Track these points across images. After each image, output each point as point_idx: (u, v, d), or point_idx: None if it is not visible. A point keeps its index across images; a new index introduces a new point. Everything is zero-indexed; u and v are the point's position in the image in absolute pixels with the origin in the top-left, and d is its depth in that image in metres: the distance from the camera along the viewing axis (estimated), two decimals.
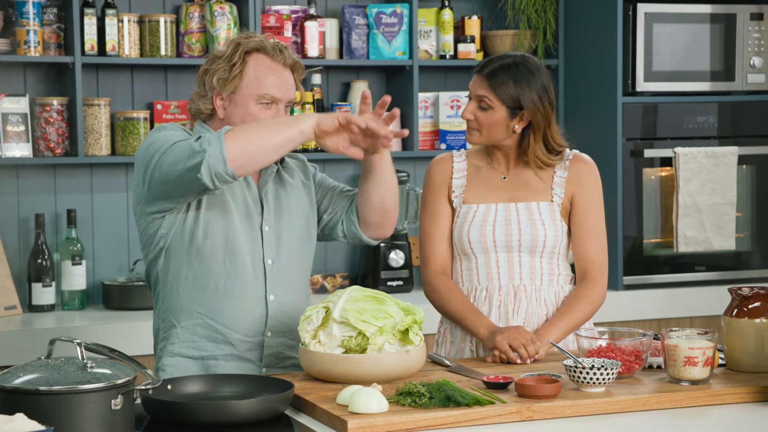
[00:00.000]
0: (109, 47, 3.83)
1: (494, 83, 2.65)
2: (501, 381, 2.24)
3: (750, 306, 2.40)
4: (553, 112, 2.68)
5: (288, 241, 2.61)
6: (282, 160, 2.67)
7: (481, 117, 2.67)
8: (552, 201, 2.71)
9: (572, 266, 2.78)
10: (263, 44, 2.54)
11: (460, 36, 4.25)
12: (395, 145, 4.20)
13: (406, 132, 2.51)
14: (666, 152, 4.14)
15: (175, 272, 2.55)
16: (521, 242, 2.68)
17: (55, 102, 3.81)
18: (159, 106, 3.97)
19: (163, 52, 3.91)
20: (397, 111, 2.45)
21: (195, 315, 2.54)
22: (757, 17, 4.22)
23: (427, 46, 4.24)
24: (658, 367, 2.43)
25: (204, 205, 2.53)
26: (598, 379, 2.20)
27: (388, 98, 2.43)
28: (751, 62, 4.22)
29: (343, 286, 4.12)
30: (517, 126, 2.67)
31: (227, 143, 2.31)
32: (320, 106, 4.13)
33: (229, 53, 2.53)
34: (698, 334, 2.33)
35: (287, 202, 2.64)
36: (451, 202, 2.75)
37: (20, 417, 1.75)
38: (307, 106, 4.08)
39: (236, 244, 2.54)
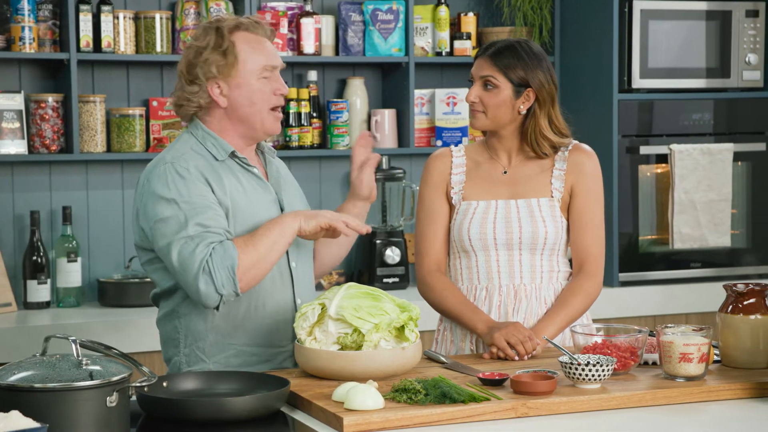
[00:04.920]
0: (104, 44, 3.83)
1: (499, 62, 2.65)
2: (496, 378, 2.24)
3: (745, 302, 2.40)
4: (556, 93, 2.70)
5: (304, 240, 2.56)
6: (263, 149, 2.62)
7: (486, 98, 2.66)
8: (552, 197, 2.71)
9: (570, 261, 2.78)
10: (240, 21, 2.50)
11: (456, 33, 4.25)
12: (392, 142, 4.21)
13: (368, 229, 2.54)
14: (662, 149, 4.14)
15: (200, 311, 2.46)
16: (522, 240, 2.67)
17: (51, 99, 3.81)
18: (155, 103, 3.97)
19: (158, 49, 3.91)
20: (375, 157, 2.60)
21: (227, 347, 2.48)
22: (753, 14, 4.23)
23: (423, 42, 4.24)
24: (654, 363, 2.43)
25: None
26: (593, 375, 2.20)
27: (366, 134, 2.60)
28: (747, 59, 4.22)
29: (339, 283, 4.13)
30: (522, 106, 2.66)
31: (241, 283, 2.35)
32: (316, 103, 4.13)
33: (215, 39, 2.47)
34: (693, 330, 2.33)
35: (293, 197, 2.61)
36: (449, 198, 2.75)
37: (15, 414, 1.74)
38: (303, 102, 4.08)
39: None
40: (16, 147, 3.77)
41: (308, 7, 4.08)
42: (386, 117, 4.20)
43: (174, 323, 2.51)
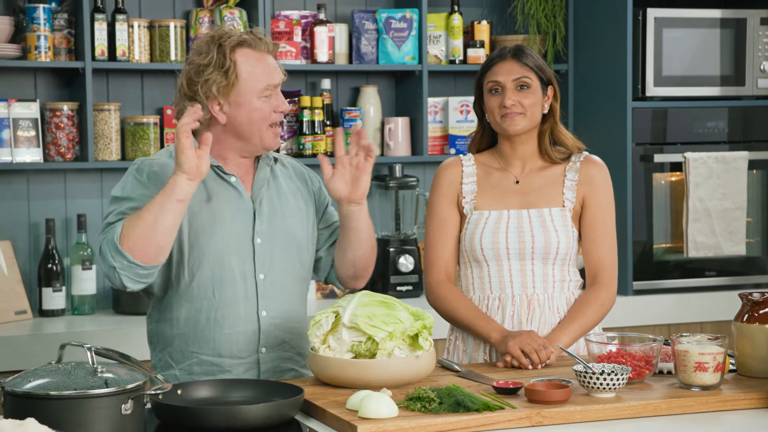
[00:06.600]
0: (119, 52, 3.84)
1: (525, 60, 2.68)
2: (511, 386, 2.23)
3: (761, 311, 2.39)
4: None
5: (283, 250, 2.53)
6: (276, 160, 2.60)
7: (523, 99, 2.67)
8: (564, 207, 2.71)
9: (581, 271, 2.77)
10: (243, 38, 2.46)
11: (469, 41, 4.26)
12: (405, 150, 4.21)
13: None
14: (676, 157, 4.13)
15: (168, 317, 2.52)
16: (534, 250, 2.66)
17: (66, 107, 3.82)
18: (169, 111, 3.98)
19: (173, 57, 3.92)
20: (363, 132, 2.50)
21: (190, 355, 2.50)
22: (767, 22, 4.22)
23: (436, 51, 4.24)
24: (669, 372, 2.42)
25: (187, 247, 2.45)
26: (608, 384, 2.20)
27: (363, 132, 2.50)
28: (762, 67, 4.21)
29: (352, 291, 4.12)
30: (546, 104, 2.70)
31: (132, 252, 2.31)
32: (330, 111, 4.14)
33: (217, 57, 2.43)
34: (709, 339, 2.32)
35: (283, 207, 2.56)
36: (461, 208, 2.74)
37: (31, 422, 1.75)
38: (316, 110, 4.08)
39: (225, 270, 2.47)
40: (32, 155, 3.79)
41: (322, 16, 4.08)
42: (399, 125, 4.20)
43: (149, 327, 2.58)
